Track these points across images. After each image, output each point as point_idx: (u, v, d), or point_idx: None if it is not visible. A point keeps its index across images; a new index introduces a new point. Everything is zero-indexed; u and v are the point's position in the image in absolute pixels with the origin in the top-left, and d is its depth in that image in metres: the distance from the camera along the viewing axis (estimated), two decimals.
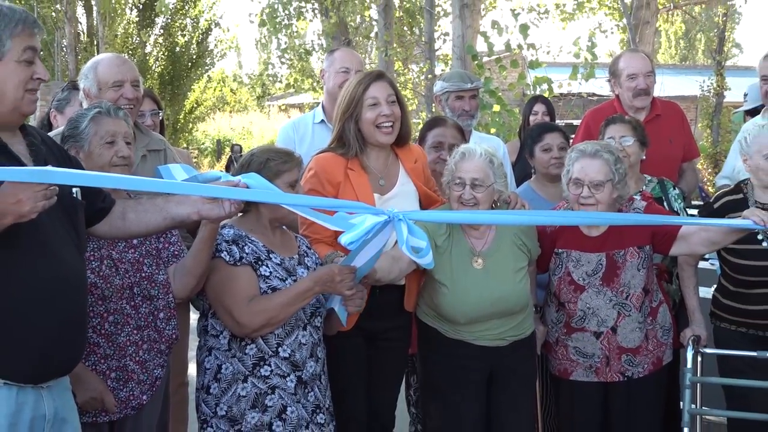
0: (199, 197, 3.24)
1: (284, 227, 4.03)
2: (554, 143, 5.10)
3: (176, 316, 3.99)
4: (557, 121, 7.46)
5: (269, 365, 3.80)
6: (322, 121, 5.40)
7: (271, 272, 3.80)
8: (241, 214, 3.88)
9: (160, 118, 5.54)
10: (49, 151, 3.14)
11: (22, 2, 21.98)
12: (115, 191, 3.52)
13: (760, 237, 4.31)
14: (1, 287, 2.84)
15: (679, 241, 4.33)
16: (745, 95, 6.98)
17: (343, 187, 4.17)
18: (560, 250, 4.49)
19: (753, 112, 6.34)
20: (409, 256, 3.73)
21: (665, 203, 4.93)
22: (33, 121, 6.03)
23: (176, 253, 3.91)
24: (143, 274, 3.77)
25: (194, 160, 5.56)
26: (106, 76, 4.53)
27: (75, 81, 5.33)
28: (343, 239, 3.53)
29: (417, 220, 3.81)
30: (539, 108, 6.80)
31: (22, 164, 2.90)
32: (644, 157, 4.96)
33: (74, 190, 3.13)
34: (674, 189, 5.05)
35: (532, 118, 6.75)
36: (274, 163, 3.80)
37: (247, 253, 3.79)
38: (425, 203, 4.43)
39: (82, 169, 3.32)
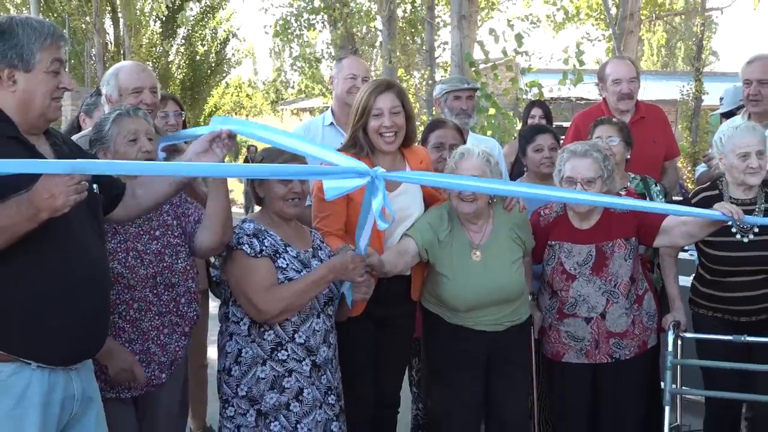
0: (192, 153, 3.36)
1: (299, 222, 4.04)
2: (545, 144, 5.09)
3: (197, 300, 4.01)
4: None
5: (286, 350, 3.81)
6: (332, 123, 5.38)
7: (287, 264, 3.82)
8: (259, 208, 3.95)
9: (183, 118, 5.54)
10: (70, 151, 3.16)
11: (55, 15, 21.99)
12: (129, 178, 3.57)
13: (734, 230, 4.31)
14: (34, 279, 2.85)
15: (662, 234, 4.35)
16: (721, 99, 6.99)
17: None
18: (553, 242, 4.50)
19: (728, 115, 6.35)
20: (375, 216, 3.64)
21: (647, 199, 4.91)
22: (63, 124, 6.03)
23: (197, 219, 3.90)
24: (164, 264, 3.78)
25: None
26: (127, 82, 4.53)
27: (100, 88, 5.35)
28: (327, 190, 3.54)
29: (399, 180, 3.95)
30: (536, 112, 6.79)
31: None
32: (629, 157, 4.95)
33: (94, 186, 3.14)
34: (656, 186, 5.04)
35: (530, 121, 6.74)
36: (268, 161, 3.85)
37: (266, 246, 3.80)
38: (429, 201, 4.44)
39: None
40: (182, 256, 3.86)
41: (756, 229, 4.29)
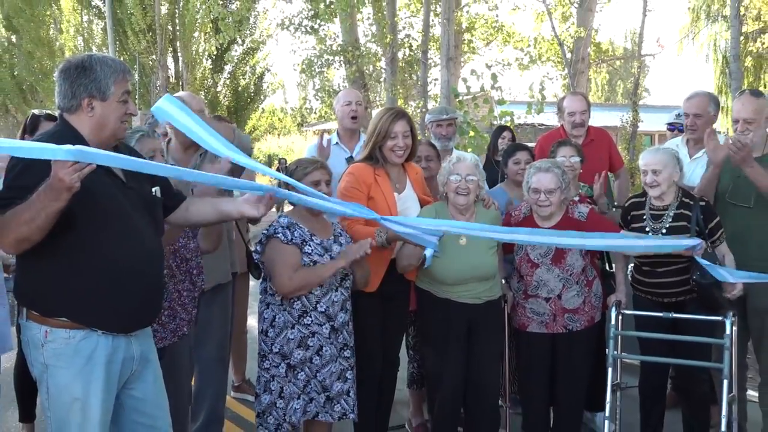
0: (244, 201, 3.23)
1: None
2: (522, 159, 5.10)
3: (203, 272, 4.06)
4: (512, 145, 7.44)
5: (310, 317, 3.84)
6: (337, 143, 5.43)
7: (312, 250, 3.84)
8: (291, 207, 3.96)
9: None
10: None
11: (128, 53, 21.96)
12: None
13: (647, 229, 4.32)
14: (101, 264, 2.84)
15: None
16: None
17: (374, 187, 4.24)
18: None
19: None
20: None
21: (590, 200, 4.94)
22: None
23: None
24: (180, 243, 3.87)
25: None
26: None
27: None
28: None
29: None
30: (506, 134, 6.74)
31: (114, 176, 2.91)
32: (581, 171, 4.95)
33: (153, 189, 3.16)
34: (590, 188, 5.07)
35: (500, 141, 6.68)
36: (301, 168, 3.91)
37: (295, 236, 3.83)
38: (422, 203, 4.48)
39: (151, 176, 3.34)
40: (191, 238, 3.95)
41: (663, 231, 4.27)
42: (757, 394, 4.82)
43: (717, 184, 4.57)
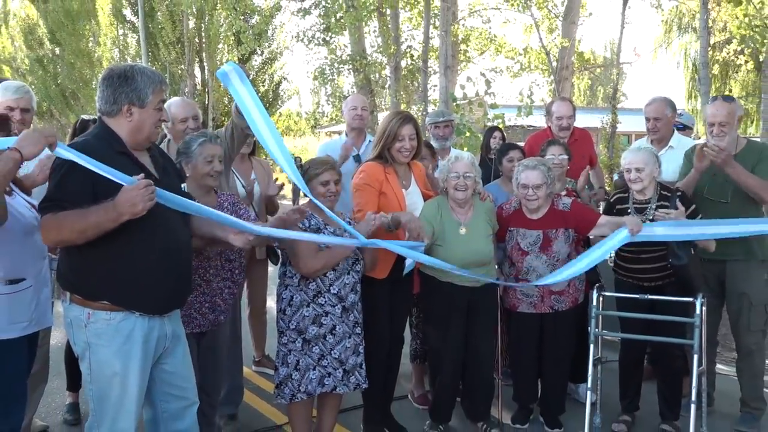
0: (231, 232, 3.18)
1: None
2: (515, 157, 5.10)
3: (245, 270, 4.06)
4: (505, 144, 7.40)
5: (324, 297, 3.83)
6: (346, 142, 5.40)
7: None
8: (308, 199, 3.94)
9: (254, 138, 5.45)
10: (164, 161, 3.14)
11: (158, 64, 21.90)
12: (209, 193, 3.76)
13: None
14: (138, 252, 2.84)
15: (595, 229, 4.37)
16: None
17: (385, 184, 4.21)
18: (512, 228, 4.46)
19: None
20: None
21: (575, 192, 4.95)
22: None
23: (251, 218, 3.91)
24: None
25: (270, 166, 5.61)
26: (178, 113, 4.49)
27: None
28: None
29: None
30: (497, 134, 6.71)
31: (148, 171, 2.88)
32: (568, 167, 4.94)
33: (183, 185, 3.17)
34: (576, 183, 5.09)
35: (492, 141, 6.66)
36: (313, 168, 3.90)
37: (312, 225, 3.85)
38: (424, 197, 4.46)
39: (181, 173, 3.37)
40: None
41: (648, 221, 4.24)
42: (725, 368, 4.85)
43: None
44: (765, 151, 4.46)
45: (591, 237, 4.61)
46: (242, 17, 16.87)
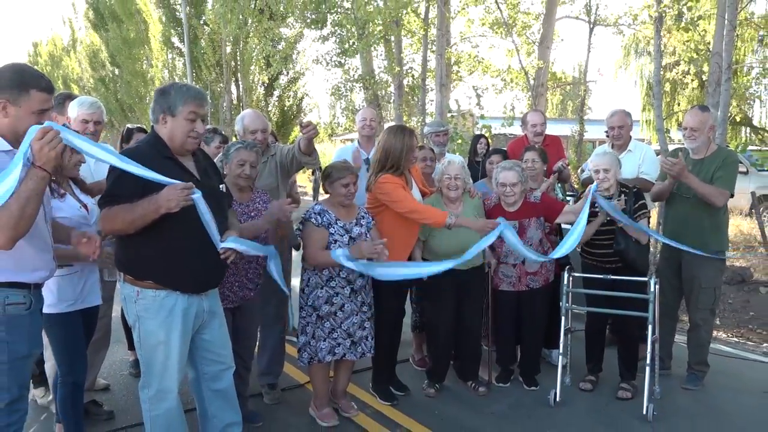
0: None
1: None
2: (495, 160, 5.04)
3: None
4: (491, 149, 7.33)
5: (335, 281, 3.79)
6: (357, 148, 5.32)
7: (335, 231, 3.78)
8: (327, 195, 3.85)
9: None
10: (207, 164, 3.06)
11: (201, 83, 21.85)
12: (242, 191, 3.66)
13: (596, 209, 4.23)
14: (180, 241, 2.81)
15: (560, 216, 4.34)
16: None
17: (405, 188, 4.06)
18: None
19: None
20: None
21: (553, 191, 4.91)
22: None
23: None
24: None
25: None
26: (249, 125, 4.28)
27: (215, 127, 5.05)
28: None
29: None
30: (483, 141, 6.64)
31: (191, 174, 2.84)
32: (545, 168, 4.89)
33: (221, 186, 3.09)
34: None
35: (478, 146, 6.59)
36: (336, 172, 3.80)
37: (324, 220, 3.77)
38: (422, 194, 4.39)
39: (221, 175, 3.22)
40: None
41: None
42: (678, 338, 4.83)
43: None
44: (728, 158, 4.35)
45: (562, 225, 4.56)
46: (271, 44, 16.83)
